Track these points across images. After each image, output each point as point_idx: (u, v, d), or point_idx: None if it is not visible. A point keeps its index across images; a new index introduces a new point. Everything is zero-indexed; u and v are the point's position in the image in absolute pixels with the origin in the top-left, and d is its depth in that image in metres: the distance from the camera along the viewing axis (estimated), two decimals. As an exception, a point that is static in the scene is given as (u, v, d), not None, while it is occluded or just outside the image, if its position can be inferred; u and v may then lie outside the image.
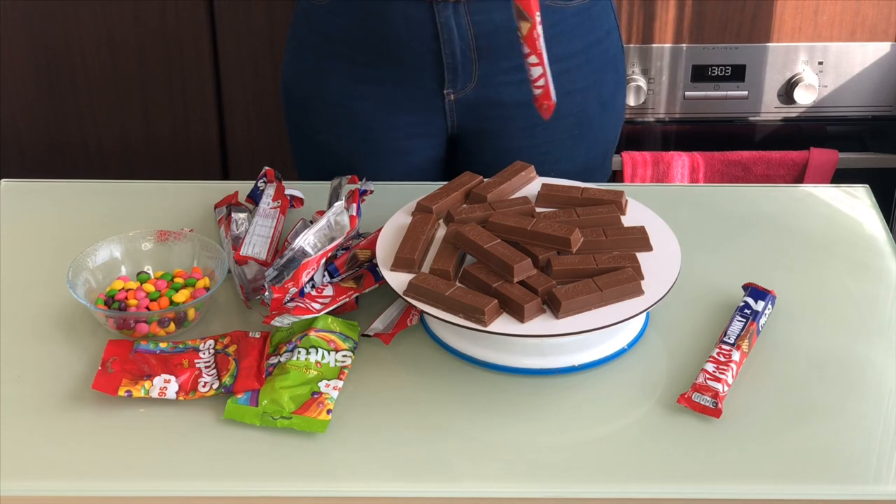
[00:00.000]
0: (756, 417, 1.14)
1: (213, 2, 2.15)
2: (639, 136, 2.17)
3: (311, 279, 1.23)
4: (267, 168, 1.47)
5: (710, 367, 1.16)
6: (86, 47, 2.18)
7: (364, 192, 1.38)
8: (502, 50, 1.44)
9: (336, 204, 1.31)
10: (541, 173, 1.36)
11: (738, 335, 1.20)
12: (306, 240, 1.25)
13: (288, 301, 1.21)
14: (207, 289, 1.27)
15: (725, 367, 1.16)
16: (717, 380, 1.15)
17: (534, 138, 1.52)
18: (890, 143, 2.18)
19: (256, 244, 1.32)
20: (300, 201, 1.45)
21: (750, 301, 1.24)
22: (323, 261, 1.25)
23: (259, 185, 1.44)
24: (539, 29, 1.18)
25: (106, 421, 1.13)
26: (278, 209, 1.39)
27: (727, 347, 1.18)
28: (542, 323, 1.14)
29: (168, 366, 1.17)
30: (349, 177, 1.39)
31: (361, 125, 1.52)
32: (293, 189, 1.45)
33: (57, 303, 1.28)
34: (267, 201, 1.40)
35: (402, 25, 1.42)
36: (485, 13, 1.41)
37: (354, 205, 1.32)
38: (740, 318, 1.22)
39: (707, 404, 1.13)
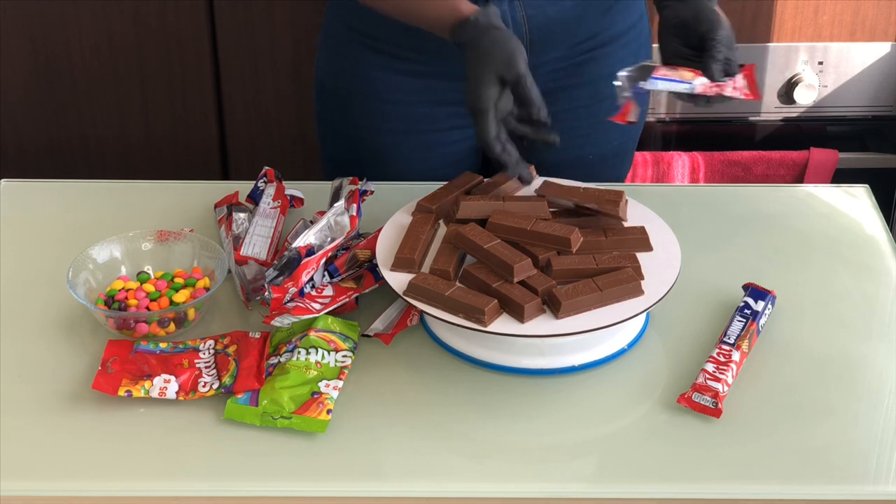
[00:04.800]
0: (756, 417, 1.14)
1: (213, 2, 2.15)
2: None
3: (311, 279, 1.23)
4: (267, 168, 1.47)
5: (710, 367, 1.16)
6: (86, 47, 2.18)
7: (364, 193, 1.38)
8: (554, 42, 1.46)
9: (336, 205, 1.31)
10: (579, 156, 1.36)
11: (738, 335, 1.20)
12: (306, 240, 1.25)
13: (288, 301, 1.21)
14: (207, 289, 1.27)
15: (725, 367, 1.16)
16: (717, 380, 1.15)
17: (575, 120, 1.53)
18: (890, 143, 2.18)
19: (256, 244, 1.32)
20: (300, 201, 1.45)
21: (750, 301, 1.24)
22: (323, 261, 1.25)
23: (259, 185, 1.44)
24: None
25: (106, 421, 1.13)
26: (278, 209, 1.39)
27: (727, 347, 1.18)
28: (542, 323, 1.14)
29: (168, 366, 1.17)
30: (350, 178, 1.39)
31: (402, 118, 1.52)
32: (293, 189, 1.45)
33: (57, 303, 1.28)
34: (267, 201, 1.40)
35: None
36: (538, 7, 1.42)
37: (354, 205, 1.32)
38: (740, 318, 1.22)
39: (707, 404, 1.13)
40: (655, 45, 2.06)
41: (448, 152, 1.55)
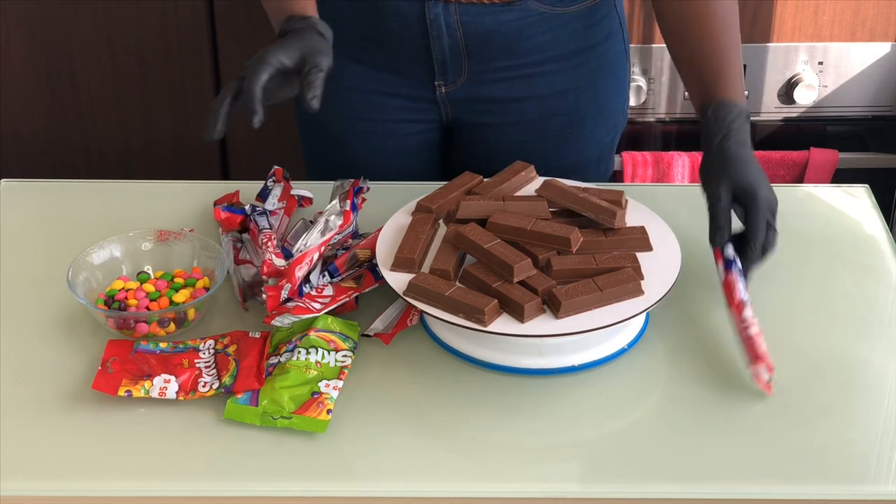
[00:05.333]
0: (756, 417, 1.14)
1: (213, 2, 2.15)
2: (639, 136, 2.17)
3: (308, 279, 1.23)
4: (276, 167, 1.46)
5: (754, 331, 1.16)
6: (86, 47, 2.18)
7: (359, 191, 1.37)
8: (492, 51, 1.45)
9: (331, 205, 1.31)
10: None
11: (745, 292, 1.20)
12: (307, 241, 1.25)
13: (287, 300, 1.21)
14: (207, 289, 1.27)
15: (759, 334, 1.16)
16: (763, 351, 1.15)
17: (523, 134, 1.52)
18: (890, 143, 2.18)
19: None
20: (309, 200, 1.45)
21: (728, 257, 1.24)
22: (316, 255, 1.24)
23: (268, 184, 1.44)
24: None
25: (106, 421, 1.13)
26: (283, 210, 1.39)
27: (750, 314, 1.18)
28: (542, 323, 1.14)
29: (168, 366, 1.17)
30: (352, 180, 1.39)
31: (358, 105, 1.53)
32: (301, 189, 1.45)
33: (57, 303, 1.28)
34: (272, 201, 1.40)
35: (394, 19, 1.43)
36: (474, 15, 1.41)
37: (348, 201, 1.32)
38: (734, 274, 1.22)
39: (766, 379, 1.14)
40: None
41: (402, 145, 1.56)
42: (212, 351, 1.20)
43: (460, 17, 1.42)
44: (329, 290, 1.24)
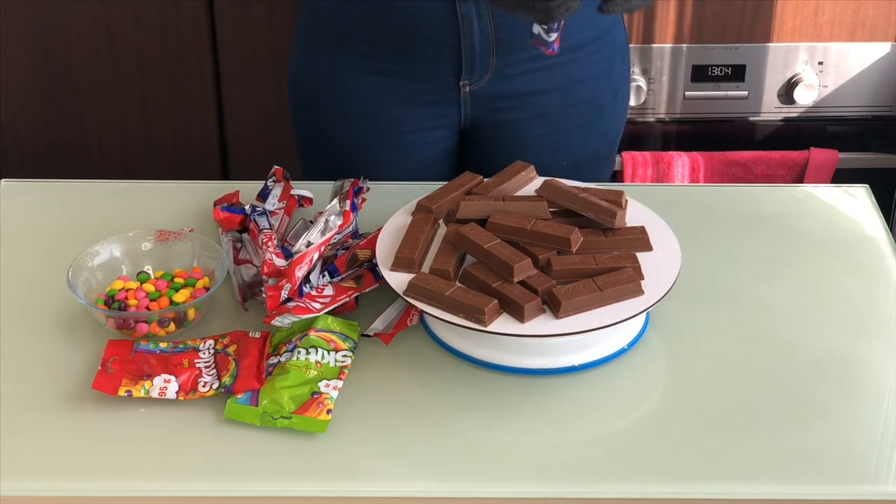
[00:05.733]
0: (756, 417, 1.14)
1: (213, 2, 2.15)
2: (639, 136, 2.17)
3: (308, 279, 1.23)
4: (276, 167, 1.46)
5: None
6: (86, 47, 2.18)
7: (359, 191, 1.37)
8: (520, 42, 1.45)
9: (331, 204, 1.31)
10: (552, 162, 1.36)
11: None
12: (309, 238, 1.25)
13: (287, 300, 1.21)
14: (207, 289, 1.27)
15: None
16: None
17: (547, 126, 1.53)
18: (890, 143, 2.18)
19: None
20: (309, 200, 1.45)
21: None
22: (315, 255, 1.24)
23: (268, 184, 1.44)
24: None
25: (106, 421, 1.13)
26: (283, 210, 1.39)
27: None
28: (542, 323, 1.14)
29: (168, 366, 1.17)
30: (352, 180, 1.39)
31: (372, 118, 1.52)
32: (301, 189, 1.45)
33: (57, 303, 1.28)
34: (272, 201, 1.40)
35: (422, 20, 1.42)
36: None
37: (348, 201, 1.32)
38: None
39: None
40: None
41: (420, 155, 1.55)
42: (212, 351, 1.20)
43: (492, 10, 1.42)
44: (329, 290, 1.24)
